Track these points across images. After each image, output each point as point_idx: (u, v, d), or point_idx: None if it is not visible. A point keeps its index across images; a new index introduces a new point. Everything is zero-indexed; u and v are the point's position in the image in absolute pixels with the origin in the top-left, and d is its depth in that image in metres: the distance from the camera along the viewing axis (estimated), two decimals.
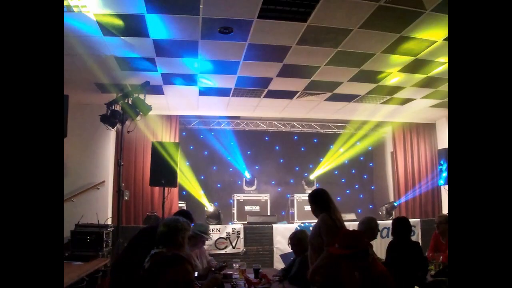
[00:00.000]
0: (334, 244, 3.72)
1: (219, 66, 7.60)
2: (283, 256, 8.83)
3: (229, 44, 6.61)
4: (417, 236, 10.13)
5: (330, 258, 3.90)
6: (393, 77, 8.17)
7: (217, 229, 9.43)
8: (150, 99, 8.33)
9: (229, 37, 6.33)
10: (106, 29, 6.02)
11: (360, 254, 3.57)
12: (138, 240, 4.79)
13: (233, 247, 9.42)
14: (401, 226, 5.58)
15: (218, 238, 9.37)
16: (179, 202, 10.69)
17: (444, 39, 6.45)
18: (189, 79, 8.31)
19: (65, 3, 5.24)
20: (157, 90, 8.85)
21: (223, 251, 9.29)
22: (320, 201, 4.81)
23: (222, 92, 9.17)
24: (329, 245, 4.00)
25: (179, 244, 3.59)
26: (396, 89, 9.03)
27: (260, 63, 7.40)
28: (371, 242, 4.62)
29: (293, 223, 10.48)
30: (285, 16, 5.70)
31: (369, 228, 5.41)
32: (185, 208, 9.84)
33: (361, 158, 13.82)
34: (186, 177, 11.48)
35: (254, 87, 8.87)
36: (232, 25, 5.96)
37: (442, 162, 10.88)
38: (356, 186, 13.54)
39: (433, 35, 6.34)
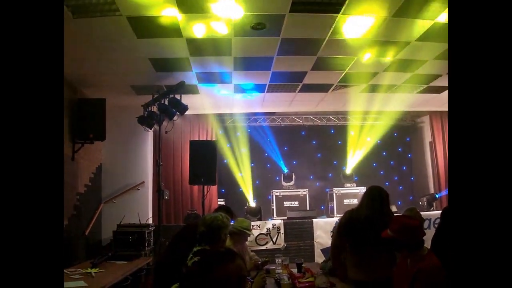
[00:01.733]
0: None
1: (253, 63, 7.60)
2: (324, 251, 8.78)
3: (262, 40, 6.60)
4: None
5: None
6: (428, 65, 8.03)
7: (257, 225, 9.45)
8: (186, 99, 8.39)
9: (262, 33, 6.32)
10: (140, 31, 6.09)
11: (413, 244, 3.58)
12: (179, 238, 4.85)
13: (274, 243, 9.43)
14: (448, 215, 5.49)
15: (259, 234, 9.39)
16: (218, 199, 10.77)
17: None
18: (224, 77, 8.34)
19: (97, 8, 5.33)
20: (192, 90, 8.91)
21: (264, 247, 9.31)
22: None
23: (257, 88, 9.18)
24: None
25: (222, 241, 3.62)
26: (432, 77, 8.87)
27: (293, 57, 7.36)
28: None
29: (332, 217, 10.42)
30: (317, 9, 5.66)
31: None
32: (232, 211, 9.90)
33: (399, 149, 13.66)
34: (225, 175, 11.56)
35: (289, 82, 8.84)
36: (264, 20, 5.96)
37: None
38: (395, 178, 13.37)
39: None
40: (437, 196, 11.24)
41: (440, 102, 11.02)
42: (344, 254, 4.52)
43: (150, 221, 8.82)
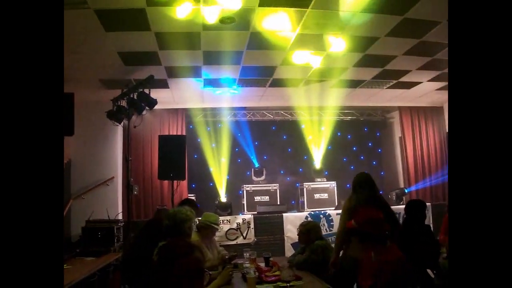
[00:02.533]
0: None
1: (223, 57, 7.56)
2: (295, 245, 8.84)
3: (232, 34, 6.57)
4: (428, 220, 10.06)
5: (346, 234, 3.95)
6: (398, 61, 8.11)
7: (227, 220, 9.44)
8: (156, 93, 8.32)
9: (231, 27, 6.29)
10: (108, 25, 6.00)
11: (377, 236, 3.63)
12: (144, 234, 4.82)
13: (244, 238, 9.43)
14: (415, 209, 5.59)
15: (229, 229, 9.38)
16: (189, 194, 10.71)
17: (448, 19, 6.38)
18: (193, 72, 8.28)
19: (65, 0, 5.22)
20: (162, 84, 8.83)
21: (234, 242, 9.31)
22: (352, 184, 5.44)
23: (227, 83, 9.14)
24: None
25: (186, 234, 3.60)
26: (402, 72, 8.96)
27: (263, 51, 7.35)
28: None
29: (303, 211, 10.47)
30: (286, 3, 5.66)
31: None
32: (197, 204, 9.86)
33: (370, 144, 13.80)
34: (195, 170, 11.52)
35: (259, 77, 8.83)
36: (233, 14, 5.92)
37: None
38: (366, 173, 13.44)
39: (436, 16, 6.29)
40: (406, 191, 11.38)
41: (410, 97, 11.17)
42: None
43: (120, 217, 8.72)
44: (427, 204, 10.09)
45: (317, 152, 12.46)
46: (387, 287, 3.39)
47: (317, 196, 10.86)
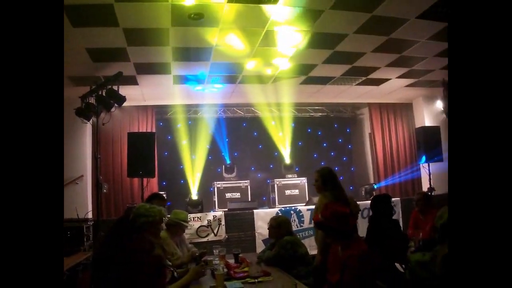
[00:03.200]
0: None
1: (192, 53, 7.52)
2: (266, 241, 8.85)
3: (201, 30, 6.54)
4: (398, 215, 10.20)
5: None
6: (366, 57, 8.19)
7: (198, 217, 9.40)
8: (125, 90, 8.22)
9: (200, 23, 6.26)
10: (75, 20, 5.91)
11: (343, 231, 3.68)
12: (114, 232, 4.76)
13: (215, 235, 9.40)
14: (380, 204, 5.65)
15: (200, 226, 9.33)
16: (160, 192, 10.63)
17: (417, 17, 6.46)
18: (162, 68, 8.21)
19: None
20: (131, 81, 8.74)
21: (205, 239, 9.26)
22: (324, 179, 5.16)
23: (196, 79, 9.10)
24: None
25: (152, 232, 3.58)
26: (371, 69, 9.05)
27: (233, 48, 7.33)
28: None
29: (274, 207, 10.49)
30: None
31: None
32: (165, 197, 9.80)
33: (340, 140, 13.90)
34: (165, 167, 11.45)
35: (229, 73, 8.81)
36: (202, 10, 5.89)
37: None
38: (336, 168, 13.51)
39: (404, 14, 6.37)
40: (375, 186, 11.51)
41: (379, 94, 11.29)
42: None
43: (90, 216, 8.60)
44: (396, 199, 10.34)
45: (288, 148, 12.50)
46: (354, 281, 3.43)
47: (288, 192, 10.89)
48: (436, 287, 3.37)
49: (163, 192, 10.41)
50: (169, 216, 5.71)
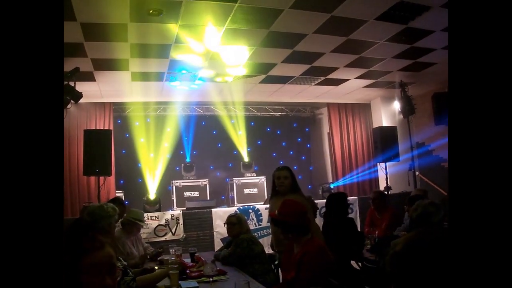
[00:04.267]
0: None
1: (150, 50, 7.40)
2: (224, 240, 8.82)
3: (159, 26, 6.45)
4: (355, 214, 10.33)
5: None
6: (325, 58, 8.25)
7: (155, 216, 9.28)
8: (82, 86, 8.07)
9: (159, 19, 6.18)
10: None
11: (300, 227, 3.69)
12: (70, 232, 4.66)
13: (173, 234, 9.31)
14: (335, 202, 5.71)
15: (157, 226, 9.22)
16: (117, 191, 10.48)
17: (375, 19, 6.54)
18: (120, 64, 8.07)
19: None
20: (88, 77, 8.56)
21: (163, 238, 9.16)
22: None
23: (155, 77, 8.98)
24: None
25: (106, 231, 3.51)
26: (330, 69, 9.12)
27: (192, 45, 7.26)
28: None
29: (233, 206, 10.47)
30: None
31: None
32: (122, 197, 9.67)
33: (299, 139, 13.99)
34: (123, 166, 11.28)
35: (188, 71, 8.72)
36: (161, 6, 5.82)
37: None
38: (295, 168, 13.61)
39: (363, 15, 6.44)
40: (331, 185, 11.66)
41: (338, 94, 11.41)
42: None
43: None
44: (354, 198, 10.47)
45: (247, 147, 12.51)
46: (309, 277, 3.44)
47: (246, 191, 10.89)
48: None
49: (120, 191, 10.29)
50: (125, 215, 5.63)
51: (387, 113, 12.15)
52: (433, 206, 3.67)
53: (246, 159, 12.21)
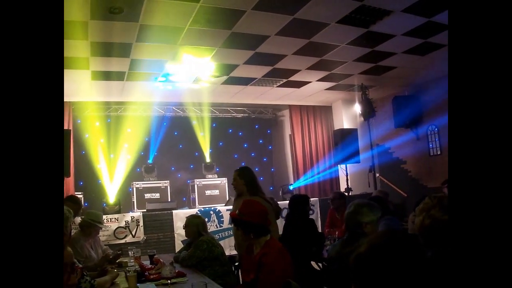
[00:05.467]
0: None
1: (111, 49, 7.28)
2: (185, 242, 8.74)
3: (120, 25, 6.35)
4: (316, 215, 10.41)
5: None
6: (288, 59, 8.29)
7: (115, 218, 9.14)
8: None
9: (120, 18, 6.08)
10: None
11: (260, 228, 3.70)
12: None
13: (133, 236, 9.18)
14: (297, 204, 5.75)
15: (117, 228, 9.08)
16: (76, 192, 10.27)
17: (337, 22, 6.61)
18: (80, 63, 7.91)
19: None
20: None
21: (123, 241, 9.03)
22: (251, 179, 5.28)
23: (116, 76, 8.83)
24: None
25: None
26: (292, 72, 9.17)
27: (153, 45, 7.19)
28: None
29: (194, 208, 10.40)
30: None
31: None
32: (81, 199, 9.49)
33: (260, 141, 14.02)
34: (82, 167, 11.07)
35: (149, 71, 8.63)
36: (122, 4, 5.73)
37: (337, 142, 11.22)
38: (256, 169, 13.62)
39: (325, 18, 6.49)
40: (290, 187, 11.74)
41: (300, 96, 11.48)
42: None
43: None
44: (315, 199, 10.54)
45: (209, 148, 12.46)
46: (269, 279, 3.44)
47: (208, 192, 10.83)
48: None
49: (79, 193, 10.08)
50: (83, 217, 5.53)
51: (348, 116, 12.30)
52: (367, 206, 3.64)
53: (207, 160, 12.17)
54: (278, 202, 7.75)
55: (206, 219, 6.52)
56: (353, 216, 3.56)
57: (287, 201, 7.26)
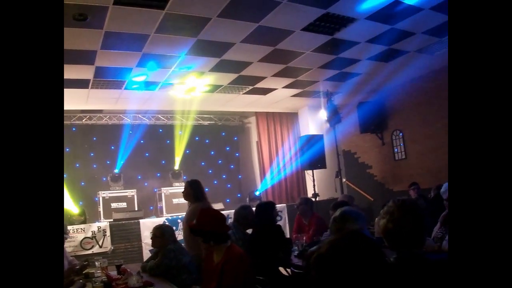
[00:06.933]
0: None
1: (75, 56, 7.16)
2: (153, 251, 8.65)
3: (85, 32, 6.26)
4: (284, 221, 10.44)
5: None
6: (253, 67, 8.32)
7: (81, 228, 8.98)
8: None
9: (84, 24, 6.00)
10: None
11: (220, 235, 3.73)
12: None
13: (100, 246, 9.04)
14: (264, 210, 5.79)
15: (84, 238, 8.92)
16: None
17: (302, 29, 6.67)
18: None
19: None
20: None
21: (89, 251, 8.87)
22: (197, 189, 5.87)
23: (80, 83, 8.68)
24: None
25: None
26: (257, 79, 9.20)
27: (119, 52, 7.11)
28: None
29: (161, 216, 10.31)
30: (141, 3, 5.53)
31: (243, 217, 5.61)
32: None
33: (227, 148, 14.01)
34: None
35: (114, 78, 8.53)
36: (87, 11, 5.65)
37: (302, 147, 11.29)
38: (224, 176, 13.68)
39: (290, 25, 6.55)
40: (256, 193, 11.79)
41: (266, 103, 11.53)
42: None
43: None
44: (283, 205, 10.58)
45: (175, 156, 12.40)
46: (232, 286, 3.45)
47: (175, 201, 10.74)
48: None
49: None
50: None
51: (314, 122, 12.40)
52: (354, 213, 3.71)
53: (174, 168, 12.11)
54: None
55: (174, 228, 6.45)
56: (340, 222, 3.58)
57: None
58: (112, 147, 12.13)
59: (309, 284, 1.73)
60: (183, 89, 9.53)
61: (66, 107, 10.63)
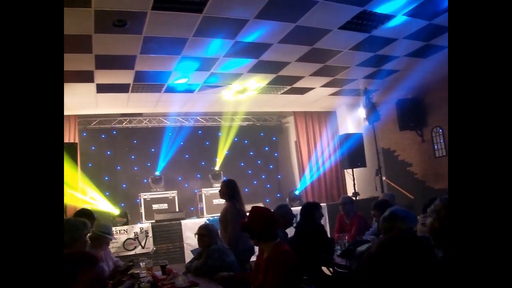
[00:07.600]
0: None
1: (115, 61, 7.32)
2: (194, 251, 8.74)
3: (124, 37, 6.39)
4: (324, 220, 10.38)
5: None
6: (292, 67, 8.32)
7: (124, 230, 9.16)
8: None
9: (124, 30, 6.12)
10: None
11: (265, 233, 3.78)
12: None
13: (143, 247, 9.20)
14: (307, 210, 5.79)
15: (126, 239, 9.10)
16: (84, 205, 10.29)
17: (339, 28, 6.64)
18: (85, 76, 7.95)
19: None
20: None
21: (132, 252, 9.04)
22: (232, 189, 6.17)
23: (120, 88, 8.87)
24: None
25: (67, 245, 3.44)
26: (295, 78, 9.19)
27: (157, 56, 7.23)
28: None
29: (202, 217, 10.40)
30: (179, 7, 5.60)
31: (280, 216, 5.61)
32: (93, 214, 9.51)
33: (266, 148, 14.03)
34: (89, 179, 11.10)
35: (153, 82, 8.67)
36: (126, 17, 5.77)
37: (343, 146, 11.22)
38: (263, 177, 13.71)
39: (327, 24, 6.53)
40: (295, 192, 11.76)
41: (304, 103, 11.48)
42: None
43: None
44: (323, 204, 10.51)
45: (215, 157, 12.49)
46: (277, 282, 3.47)
47: (215, 201, 10.79)
48: None
49: (87, 205, 10.10)
50: (92, 229, 5.53)
51: (353, 120, 12.30)
52: (403, 212, 3.72)
53: (214, 169, 12.20)
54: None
55: None
56: (389, 221, 3.59)
57: (296, 208, 7.29)
58: (153, 150, 12.32)
59: (358, 284, 1.74)
60: (221, 90, 9.60)
61: (107, 111, 10.88)
